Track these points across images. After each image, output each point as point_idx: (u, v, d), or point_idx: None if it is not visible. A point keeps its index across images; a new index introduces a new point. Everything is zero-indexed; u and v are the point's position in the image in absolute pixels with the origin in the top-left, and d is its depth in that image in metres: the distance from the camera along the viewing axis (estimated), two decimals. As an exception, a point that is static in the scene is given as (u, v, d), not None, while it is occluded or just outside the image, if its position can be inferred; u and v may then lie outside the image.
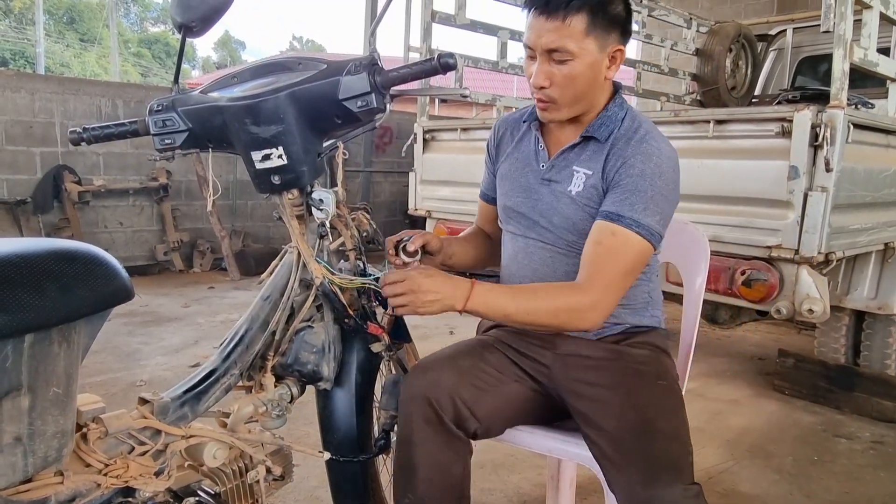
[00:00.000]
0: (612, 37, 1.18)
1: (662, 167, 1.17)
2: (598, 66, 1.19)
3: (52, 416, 0.84)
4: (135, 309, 4.27)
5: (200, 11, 1.10)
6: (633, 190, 1.15)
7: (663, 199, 1.17)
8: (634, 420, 1.15)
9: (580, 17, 1.14)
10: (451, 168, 3.35)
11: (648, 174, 1.16)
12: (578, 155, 1.26)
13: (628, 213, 1.14)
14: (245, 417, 1.17)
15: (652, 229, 1.15)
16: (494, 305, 1.13)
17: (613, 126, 1.23)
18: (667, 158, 1.18)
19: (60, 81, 5.49)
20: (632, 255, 1.15)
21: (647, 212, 1.15)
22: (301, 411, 1.44)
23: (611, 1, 1.16)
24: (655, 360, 1.27)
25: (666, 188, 1.17)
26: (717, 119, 2.30)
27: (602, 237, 1.16)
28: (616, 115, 1.24)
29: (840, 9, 2.06)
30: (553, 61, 1.17)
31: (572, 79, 1.18)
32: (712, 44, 4.85)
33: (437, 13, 3.48)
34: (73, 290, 0.81)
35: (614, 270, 1.14)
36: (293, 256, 1.21)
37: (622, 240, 1.14)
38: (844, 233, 2.20)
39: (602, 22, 1.15)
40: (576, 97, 1.21)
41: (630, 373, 1.23)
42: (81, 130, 1.18)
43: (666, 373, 1.26)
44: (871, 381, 2.80)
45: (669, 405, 1.19)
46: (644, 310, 1.32)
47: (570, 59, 1.16)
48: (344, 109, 1.07)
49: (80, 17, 28.92)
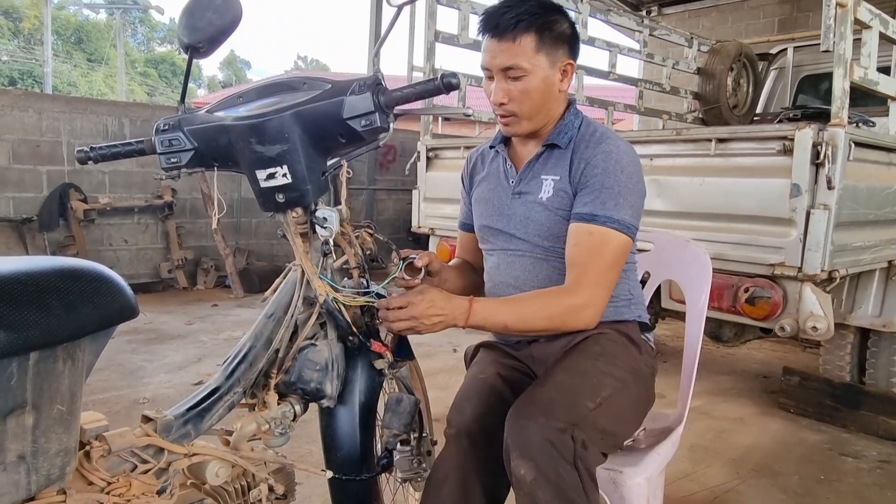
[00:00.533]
0: (560, 52, 1.29)
1: (623, 162, 1.25)
2: (550, 80, 1.29)
3: (56, 433, 0.84)
4: (138, 326, 4.28)
5: (207, 33, 1.12)
6: (601, 188, 1.24)
7: (630, 192, 1.24)
8: (546, 377, 1.25)
9: (529, 37, 1.25)
10: (454, 186, 3.33)
11: (611, 171, 1.24)
12: (544, 164, 1.35)
13: (601, 212, 1.22)
14: (248, 435, 1.17)
15: (626, 222, 1.23)
16: (494, 319, 1.20)
17: (571, 132, 1.33)
18: (625, 154, 1.27)
19: (68, 101, 5.55)
20: (612, 249, 1.22)
21: (618, 207, 1.22)
22: (304, 429, 1.43)
23: (555, 21, 1.28)
24: (616, 344, 1.31)
25: (630, 181, 1.25)
26: (719, 137, 2.31)
27: (580, 239, 1.23)
28: (572, 122, 1.34)
29: (840, 29, 2.08)
30: (509, 79, 1.28)
31: (527, 93, 1.28)
32: (713, 63, 4.89)
33: (441, 33, 3.51)
34: (79, 307, 0.82)
35: (598, 267, 1.21)
36: (297, 274, 1.21)
37: (600, 237, 1.22)
38: (847, 250, 2.20)
39: (549, 39, 1.26)
40: (533, 109, 1.30)
41: (580, 347, 1.30)
42: (89, 150, 1.19)
43: (613, 356, 1.29)
44: (878, 399, 2.78)
45: (588, 369, 1.24)
46: (626, 307, 1.38)
47: (523, 74, 1.27)
48: (348, 128, 1.09)
49: (87, 38, 29.30)
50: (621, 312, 1.37)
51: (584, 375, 1.23)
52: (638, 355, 1.34)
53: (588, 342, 1.31)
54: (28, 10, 26.40)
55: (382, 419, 1.33)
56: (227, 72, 38.20)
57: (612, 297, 1.32)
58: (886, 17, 2.39)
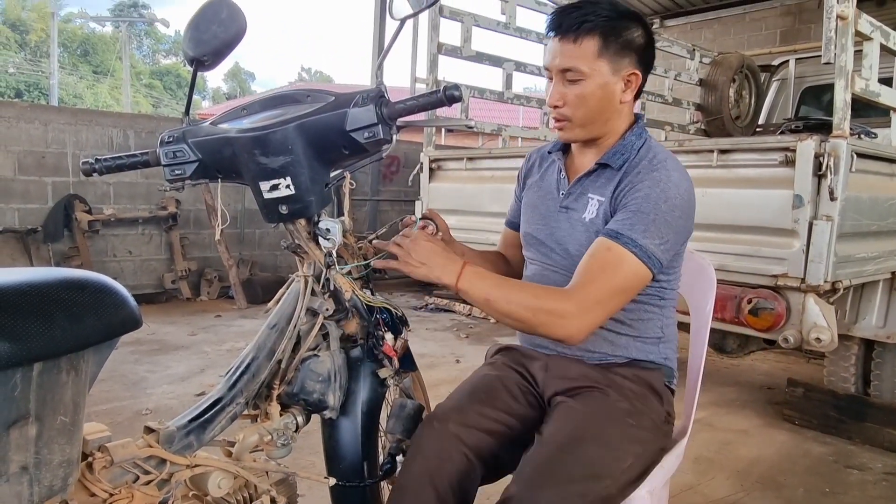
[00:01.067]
0: (625, 60, 1.21)
1: (669, 193, 1.16)
2: (610, 88, 1.22)
3: (59, 444, 0.84)
4: (142, 337, 4.28)
5: (212, 46, 1.13)
6: (636, 211, 1.15)
7: (666, 224, 1.15)
8: (566, 435, 1.15)
9: (592, 39, 1.19)
10: (458, 197, 3.37)
11: (653, 198, 1.15)
12: (594, 182, 1.28)
13: (627, 232, 1.14)
14: (250, 446, 1.17)
15: (649, 251, 1.13)
16: (479, 288, 1.13)
17: (629, 154, 1.24)
18: (674, 185, 1.17)
19: (73, 112, 5.58)
20: (624, 272, 1.13)
21: (647, 234, 1.13)
22: (306, 440, 1.43)
23: (625, 27, 1.20)
24: (639, 397, 1.24)
25: (671, 214, 1.15)
26: (721, 148, 2.31)
27: (597, 251, 1.15)
28: (633, 143, 1.26)
29: (840, 41, 2.09)
30: (566, 81, 1.22)
31: (583, 98, 1.22)
32: (715, 74, 4.90)
33: (444, 45, 3.54)
34: (83, 318, 0.82)
35: (604, 285, 1.12)
36: (300, 285, 1.22)
37: (616, 256, 1.13)
38: (851, 261, 2.20)
39: (614, 45, 1.19)
40: (588, 116, 1.24)
41: (603, 398, 1.22)
42: (94, 161, 1.20)
43: (640, 414, 1.22)
44: (883, 411, 2.76)
45: (614, 440, 1.16)
46: (654, 345, 1.31)
47: (581, 78, 1.20)
48: (351, 140, 1.09)
49: (93, 50, 29.56)
50: (648, 351, 1.30)
51: (608, 447, 1.15)
52: (659, 406, 1.27)
53: (612, 393, 1.23)
54: (35, 23, 26.67)
55: (386, 425, 1.33)
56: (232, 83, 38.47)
57: (639, 331, 1.28)
58: (888, 29, 2.40)
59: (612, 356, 1.29)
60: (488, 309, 1.15)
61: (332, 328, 1.23)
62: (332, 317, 1.23)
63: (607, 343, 1.29)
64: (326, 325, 1.23)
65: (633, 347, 1.29)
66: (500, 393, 1.33)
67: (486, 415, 1.27)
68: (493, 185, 3.17)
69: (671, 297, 1.32)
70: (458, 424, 1.24)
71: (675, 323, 1.36)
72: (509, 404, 1.31)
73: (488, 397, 1.31)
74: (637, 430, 1.20)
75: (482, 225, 3.16)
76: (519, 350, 1.44)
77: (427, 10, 1.25)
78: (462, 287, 1.13)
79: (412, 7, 1.21)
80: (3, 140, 4.93)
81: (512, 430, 1.29)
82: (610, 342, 1.29)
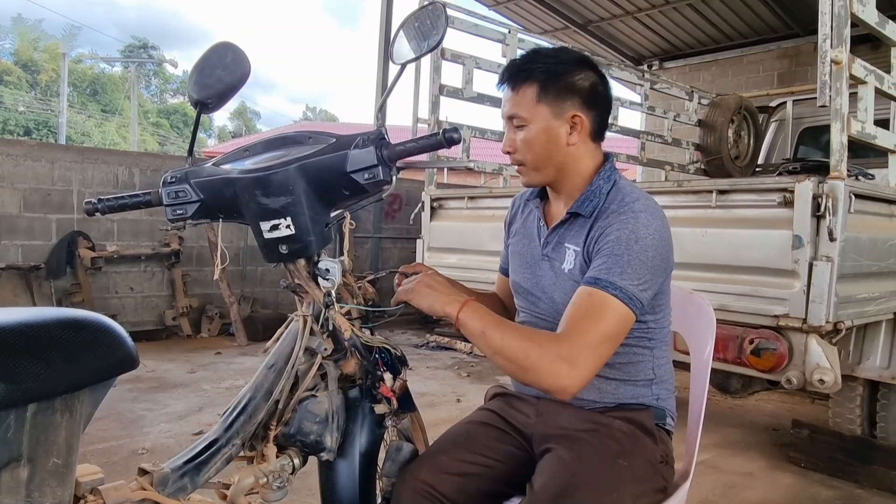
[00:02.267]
0: (567, 103, 1.24)
1: (639, 233, 1.16)
2: (553, 132, 1.25)
3: (51, 487, 0.83)
4: (140, 375, 4.25)
5: (216, 89, 1.16)
6: (609, 254, 1.16)
7: (641, 264, 1.15)
8: (558, 483, 1.13)
9: (530, 87, 1.24)
10: (459, 235, 3.39)
11: (623, 240, 1.16)
12: (568, 231, 1.30)
13: (605, 276, 1.14)
14: (246, 489, 1.15)
15: (629, 292, 1.13)
16: (476, 324, 1.13)
17: (598, 199, 1.26)
18: (643, 226, 1.17)
19: (79, 151, 5.67)
20: (608, 317, 1.12)
21: (625, 276, 1.14)
22: (304, 482, 1.41)
23: (566, 72, 1.25)
24: (629, 437, 1.23)
25: (644, 254, 1.16)
26: (720, 189, 2.33)
27: (579, 299, 1.15)
28: (601, 188, 1.26)
29: (835, 84, 2.12)
30: (515, 128, 1.28)
31: (528, 142, 1.26)
32: (714, 115, 4.97)
33: (445, 87, 3.60)
34: (79, 359, 0.82)
35: (591, 332, 1.10)
36: (299, 324, 1.22)
37: (598, 301, 1.13)
38: (852, 302, 2.19)
39: (553, 90, 1.24)
40: (537, 160, 1.27)
41: (592, 442, 1.21)
42: (96, 201, 1.21)
43: (632, 455, 1.20)
44: (890, 453, 2.71)
45: (608, 484, 1.14)
46: (646, 388, 1.30)
47: (524, 124, 1.26)
48: (351, 181, 1.11)
49: (102, 89, 30.09)
50: (638, 394, 1.29)
51: (603, 492, 1.13)
52: (653, 446, 1.25)
53: (601, 436, 1.22)
54: (46, 63, 27.22)
55: (382, 468, 1.31)
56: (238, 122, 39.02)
57: (630, 375, 1.27)
58: (881, 72, 2.44)
59: (600, 402, 1.28)
60: (482, 343, 1.14)
61: (330, 368, 1.23)
62: (331, 357, 1.23)
63: (595, 390, 1.28)
64: (325, 364, 1.22)
65: (622, 392, 1.28)
66: (480, 438, 1.33)
67: (464, 459, 1.27)
68: (494, 223, 3.18)
69: (660, 336, 1.31)
70: (431, 472, 1.24)
71: (668, 363, 1.35)
72: (491, 447, 1.31)
73: (467, 442, 1.31)
74: (630, 470, 1.18)
75: (483, 264, 3.16)
76: (511, 394, 1.44)
77: (427, 55, 1.28)
78: (462, 319, 1.14)
79: (413, 52, 1.24)
80: (9, 177, 4.99)
81: (494, 470, 1.28)
82: (598, 389, 1.28)
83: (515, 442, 1.33)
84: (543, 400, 1.33)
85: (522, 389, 1.40)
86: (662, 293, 1.27)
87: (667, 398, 1.33)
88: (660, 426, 1.30)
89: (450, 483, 1.23)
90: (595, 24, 7.29)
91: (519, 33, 3.98)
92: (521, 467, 1.28)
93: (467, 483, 1.25)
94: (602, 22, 7.20)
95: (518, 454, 1.32)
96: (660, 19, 6.81)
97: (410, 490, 1.23)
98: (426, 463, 1.27)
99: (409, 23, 1.23)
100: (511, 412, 1.38)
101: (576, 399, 1.28)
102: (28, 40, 28.88)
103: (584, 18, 7.22)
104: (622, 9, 6.79)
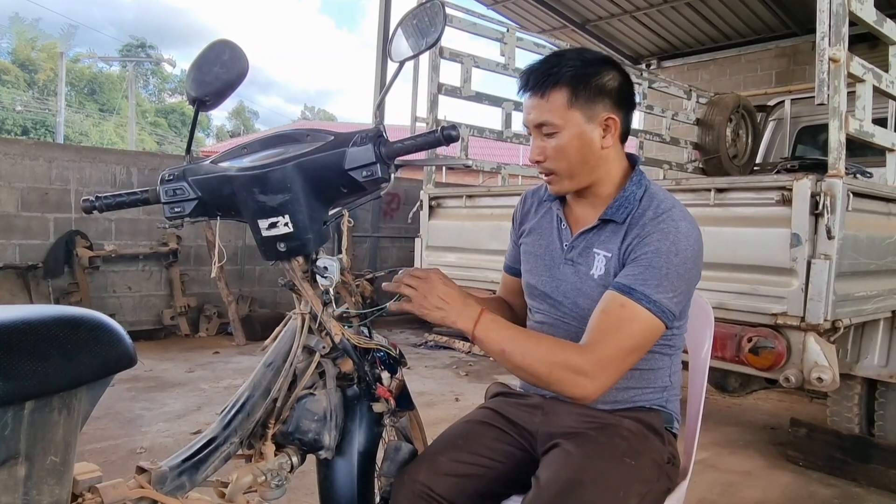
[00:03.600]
0: (599, 106, 1.20)
1: (679, 245, 1.15)
2: (587, 137, 1.21)
3: (48, 485, 0.83)
4: (139, 374, 4.24)
5: (214, 87, 1.16)
6: (648, 265, 1.14)
7: (678, 277, 1.14)
8: (565, 478, 1.11)
9: (560, 91, 1.19)
10: (457, 234, 3.39)
11: (664, 251, 1.14)
12: (598, 237, 1.26)
13: (640, 288, 1.12)
14: (244, 487, 1.15)
15: (663, 306, 1.12)
16: (495, 338, 1.12)
17: (631, 206, 1.23)
18: (684, 237, 1.16)
19: (77, 150, 5.65)
20: (639, 330, 1.12)
21: (661, 288, 1.12)
22: (302, 480, 1.41)
23: (594, 73, 1.20)
24: (638, 437, 1.22)
25: (682, 266, 1.14)
26: (718, 187, 2.33)
27: (610, 307, 1.14)
28: (634, 193, 1.24)
29: (833, 83, 2.12)
30: (544, 136, 1.23)
31: (562, 150, 1.22)
32: (712, 114, 4.98)
33: (444, 85, 3.60)
34: (77, 356, 0.82)
35: (619, 344, 1.11)
36: (297, 323, 1.22)
37: (630, 313, 1.12)
38: (850, 300, 2.19)
39: (584, 93, 1.19)
40: (571, 167, 1.23)
41: (600, 439, 1.20)
42: (94, 199, 1.21)
43: (639, 454, 1.19)
44: (888, 452, 2.72)
45: (614, 482, 1.13)
46: (658, 394, 1.29)
47: (556, 131, 1.21)
48: (350, 179, 1.11)
49: (100, 89, 30.03)
50: (650, 399, 1.28)
51: (609, 489, 1.11)
52: (661, 446, 1.24)
53: (609, 434, 1.21)
54: (44, 62, 27.17)
55: (380, 467, 1.31)
56: (236, 121, 38.99)
57: (648, 381, 1.27)
58: (879, 70, 2.44)
59: (613, 405, 1.27)
60: (503, 360, 1.14)
61: (328, 366, 1.22)
62: (329, 355, 1.22)
63: (609, 395, 1.24)
64: (323, 363, 1.22)
65: (638, 398, 1.27)
66: (479, 438, 1.31)
67: (462, 460, 1.26)
68: (492, 222, 3.18)
69: (679, 343, 1.31)
70: (429, 473, 1.23)
71: (680, 368, 1.34)
72: (491, 447, 1.29)
73: (465, 443, 1.29)
74: (637, 469, 1.17)
75: (481, 262, 3.17)
76: (515, 391, 1.42)
77: (426, 52, 1.28)
78: (479, 335, 1.13)
79: (411, 50, 1.23)
80: (7, 177, 4.97)
81: (494, 471, 1.27)
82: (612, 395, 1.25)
83: (517, 442, 1.32)
84: (551, 399, 1.32)
85: (529, 389, 1.39)
86: (688, 302, 1.26)
87: (674, 402, 1.33)
88: (667, 429, 1.30)
89: (448, 484, 1.22)
90: (593, 23, 7.29)
91: (517, 32, 3.98)
92: (521, 467, 1.28)
93: (466, 484, 1.24)
94: (600, 21, 7.20)
95: (518, 454, 1.31)
96: (658, 18, 6.81)
97: (408, 492, 1.22)
98: (424, 464, 1.26)
99: (407, 20, 1.23)
100: (514, 411, 1.36)
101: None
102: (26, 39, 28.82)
103: (583, 17, 7.22)
104: (620, 8, 6.80)
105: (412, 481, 1.23)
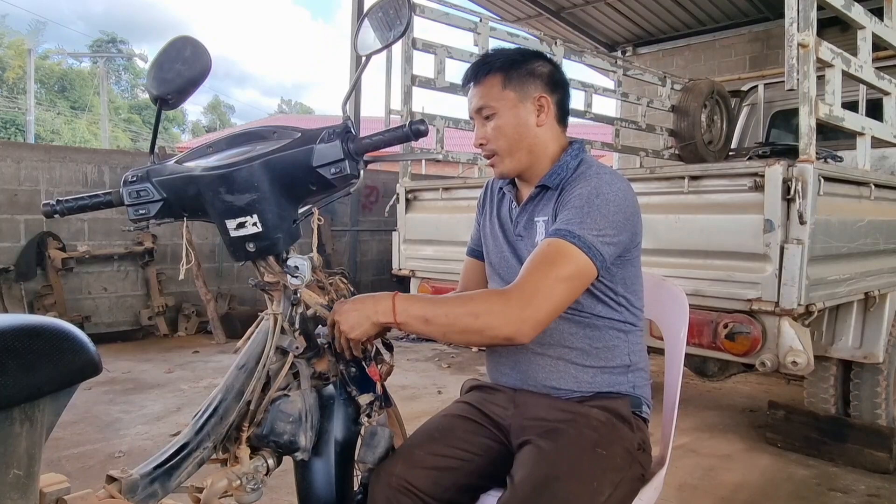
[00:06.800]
0: (531, 87, 1.29)
1: (601, 189, 1.20)
2: (522, 115, 1.29)
3: (12, 500, 0.81)
4: (116, 376, 4.19)
5: (176, 84, 1.13)
6: (570, 208, 1.20)
7: (601, 216, 1.17)
8: (539, 475, 1.12)
9: (494, 77, 1.30)
10: (435, 227, 3.37)
11: (585, 195, 1.20)
12: (536, 206, 1.34)
13: (563, 226, 1.17)
14: (219, 492, 1.13)
15: (587, 241, 1.14)
16: (415, 314, 1.12)
17: (565, 173, 1.29)
18: (606, 184, 1.21)
19: (47, 149, 5.53)
20: (565, 262, 1.12)
21: (583, 225, 1.15)
22: (284, 480, 1.39)
23: (525, 60, 1.31)
24: (607, 426, 1.23)
25: (605, 207, 1.17)
26: (692, 175, 2.34)
27: (538, 249, 1.18)
28: (568, 163, 1.30)
29: (803, 68, 2.14)
30: (484, 120, 1.31)
31: (499, 129, 1.30)
32: (687, 100, 5.00)
33: (417, 77, 3.57)
34: (37, 367, 0.80)
35: (545, 275, 1.11)
36: (269, 323, 1.20)
37: (555, 248, 1.14)
38: (823, 284, 2.22)
39: (516, 76, 1.29)
40: (510, 145, 1.30)
41: (570, 432, 1.21)
42: (55, 203, 1.17)
43: (610, 443, 1.21)
44: (863, 431, 2.77)
45: (588, 473, 1.14)
46: (622, 375, 1.30)
47: (493, 112, 1.29)
48: (318, 176, 1.09)
49: (71, 86, 29.46)
50: (615, 382, 1.29)
51: (583, 481, 1.12)
52: (630, 433, 1.25)
53: (578, 426, 1.22)
54: (12, 59, 26.55)
55: (357, 454, 1.30)
56: (212, 116, 38.51)
57: (605, 361, 1.28)
58: (848, 55, 2.46)
59: (577, 391, 1.28)
60: (430, 329, 1.13)
61: (302, 367, 1.21)
62: (303, 355, 1.21)
63: (572, 379, 1.29)
64: (297, 363, 1.21)
65: (599, 381, 1.28)
66: (456, 431, 1.32)
67: (440, 453, 1.27)
68: (469, 214, 3.15)
69: (635, 322, 1.33)
70: (406, 467, 1.23)
71: (643, 349, 1.36)
72: (468, 440, 1.30)
73: (442, 436, 1.31)
74: (609, 458, 1.19)
75: (459, 255, 3.14)
76: (488, 385, 1.43)
77: (392, 45, 1.26)
78: (400, 318, 1.12)
79: (379, 42, 1.21)
80: (-26, 179, 4.86)
81: (471, 464, 1.28)
82: (574, 378, 1.29)
83: (492, 434, 1.33)
84: (521, 391, 1.33)
85: (499, 380, 1.40)
86: (633, 267, 1.30)
87: (643, 386, 1.34)
88: (636, 414, 1.31)
89: (425, 477, 1.23)
90: (568, 11, 7.29)
91: (491, 22, 3.96)
92: (498, 460, 1.28)
93: (443, 477, 1.24)
94: (575, 8, 7.19)
95: (495, 447, 1.31)
96: (632, 5, 6.81)
97: (385, 485, 1.22)
98: (401, 458, 1.26)
99: (373, 13, 1.21)
100: (488, 404, 1.37)
101: (553, 389, 1.29)
102: (-8, 37, 28.16)
103: (557, 5, 7.20)
104: (595, -5, 6.80)
105: (389, 475, 1.23)
